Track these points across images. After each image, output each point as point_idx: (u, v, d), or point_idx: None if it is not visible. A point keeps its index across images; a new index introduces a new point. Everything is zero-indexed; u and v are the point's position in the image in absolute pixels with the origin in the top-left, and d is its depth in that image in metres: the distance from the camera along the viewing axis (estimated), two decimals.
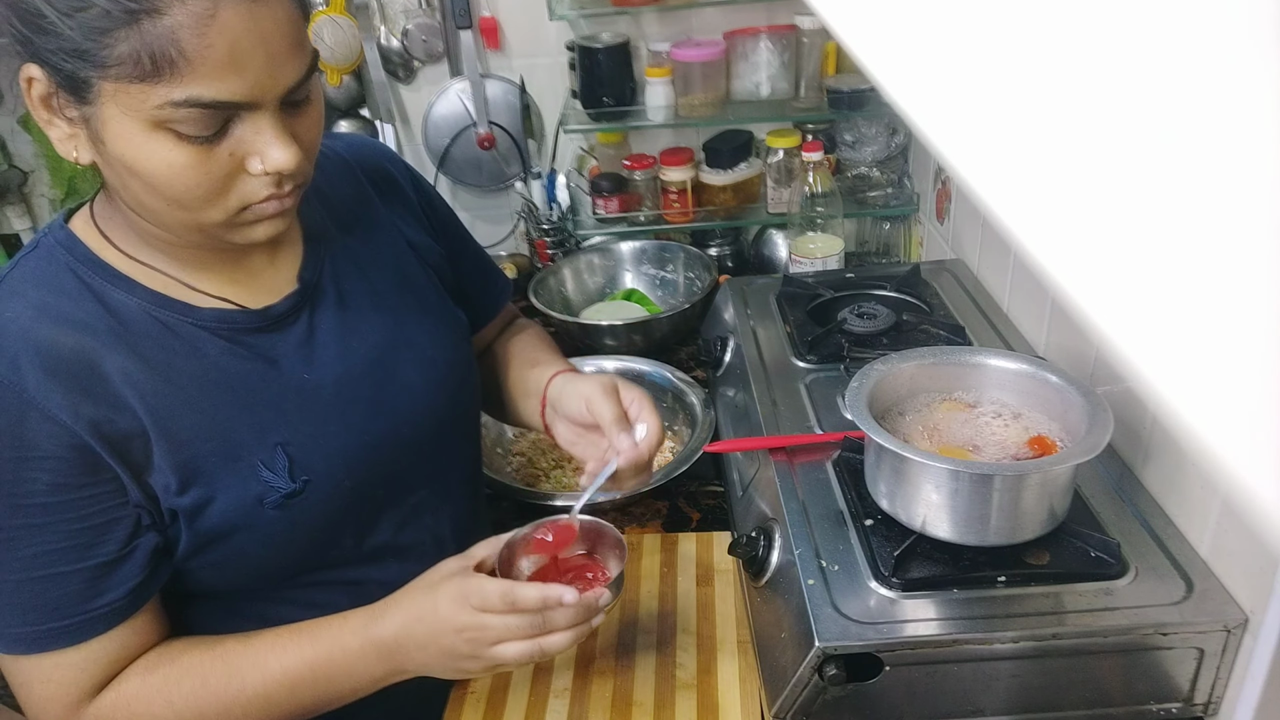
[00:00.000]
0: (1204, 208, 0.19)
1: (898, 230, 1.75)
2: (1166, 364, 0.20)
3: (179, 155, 0.69)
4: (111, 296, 0.78)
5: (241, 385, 0.81)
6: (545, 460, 1.34)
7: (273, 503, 0.81)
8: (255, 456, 0.80)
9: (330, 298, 0.88)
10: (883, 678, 0.80)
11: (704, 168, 1.76)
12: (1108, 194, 0.22)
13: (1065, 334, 1.09)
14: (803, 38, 1.68)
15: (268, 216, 0.76)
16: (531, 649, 0.78)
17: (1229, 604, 0.79)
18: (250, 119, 0.71)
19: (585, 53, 1.70)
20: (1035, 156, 0.26)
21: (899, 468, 0.85)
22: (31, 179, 1.89)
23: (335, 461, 0.84)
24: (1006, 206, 0.27)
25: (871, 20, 0.42)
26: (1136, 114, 0.21)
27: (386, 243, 0.95)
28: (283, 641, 0.82)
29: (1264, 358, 0.17)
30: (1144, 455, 0.94)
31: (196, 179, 0.71)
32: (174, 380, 0.78)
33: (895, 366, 0.93)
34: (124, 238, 0.80)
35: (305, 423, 0.83)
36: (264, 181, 0.74)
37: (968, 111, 0.30)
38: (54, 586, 0.75)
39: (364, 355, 0.88)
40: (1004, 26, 0.28)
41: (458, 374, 0.98)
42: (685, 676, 0.95)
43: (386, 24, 1.79)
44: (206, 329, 0.81)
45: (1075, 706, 0.83)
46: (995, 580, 0.83)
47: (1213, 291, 0.19)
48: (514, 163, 1.88)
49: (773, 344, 1.25)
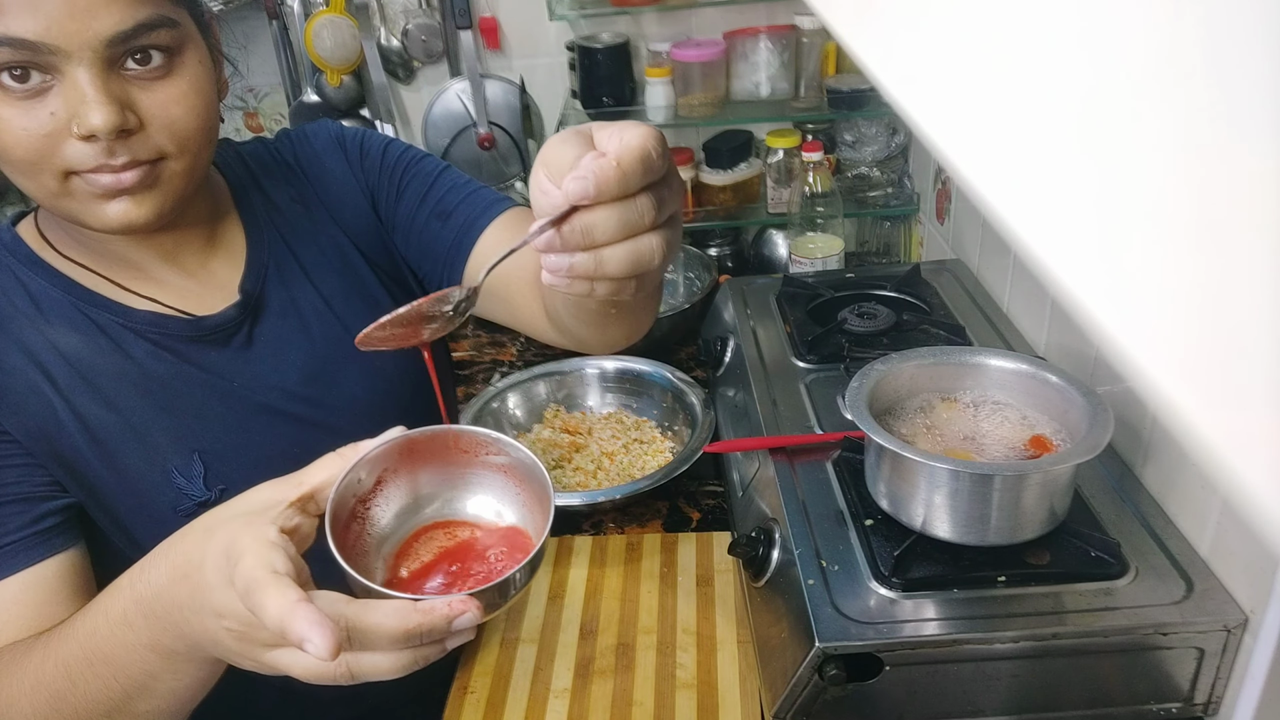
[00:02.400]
0: (1203, 206, 0.19)
1: (898, 230, 1.75)
2: (1167, 364, 0.20)
3: (3, 110, 0.68)
4: (46, 296, 0.79)
5: (163, 389, 0.80)
6: (545, 460, 1.34)
7: (185, 510, 0.79)
8: (170, 462, 0.79)
9: (273, 308, 0.86)
10: (883, 678, 0.80)
11: (704, 168, 1.76)
12: (1107, 194, 0.22)
13: (1065, 334, 1.09)
14: (803, 38, 1.68)
15: (109, 195, 0.72)
16: (327, 669, 0.54)
17: (1229, 604, 0.79)
18: (70, 75, 0.68)
19: (585, 53, 1.70)
20: (1036, 156, 0.26)
21: (899, 468, 0.85)
22: None
23: (256, 472, 0.69)
24: (1007, 206, 0.27)
25: (871, 20, 0.42)
26: (1136, 114, 0.21)
27: (334, 248, 0.92)
28: (72, 620, 0.67)
29: (1264, 357, 0.17)
30: (1144, 455, 0.94)
31: (15, 136, 0.68)
32: (93, 379, 0.78)
33: (895, 366, 0.93)
34: (61, 239, 0.81)
35: (225, 432, 0.82)
36: (91, 150, 0.70)
37: (967, 111, 0.30)
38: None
39: (302, 367, 0.86)
40: (1004, 26, 0.28)
41: (412, 382, 0.93)
42: (685, 676, 0.95)
43: (386, 24, 1.79)
44: (135, 330, 0.80)
45: (1075, 706, 0.83)
46: (995, 580, 0.83)
47: (1213, 291, 0.19)
48: (514, 163, 1.88)
49: (773, 344, 1.25)
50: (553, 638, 1.01)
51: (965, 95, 0.30)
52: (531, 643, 1.01)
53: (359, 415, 0.88)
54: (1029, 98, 0.26)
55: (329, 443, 0.68)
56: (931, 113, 0.33)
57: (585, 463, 1.30)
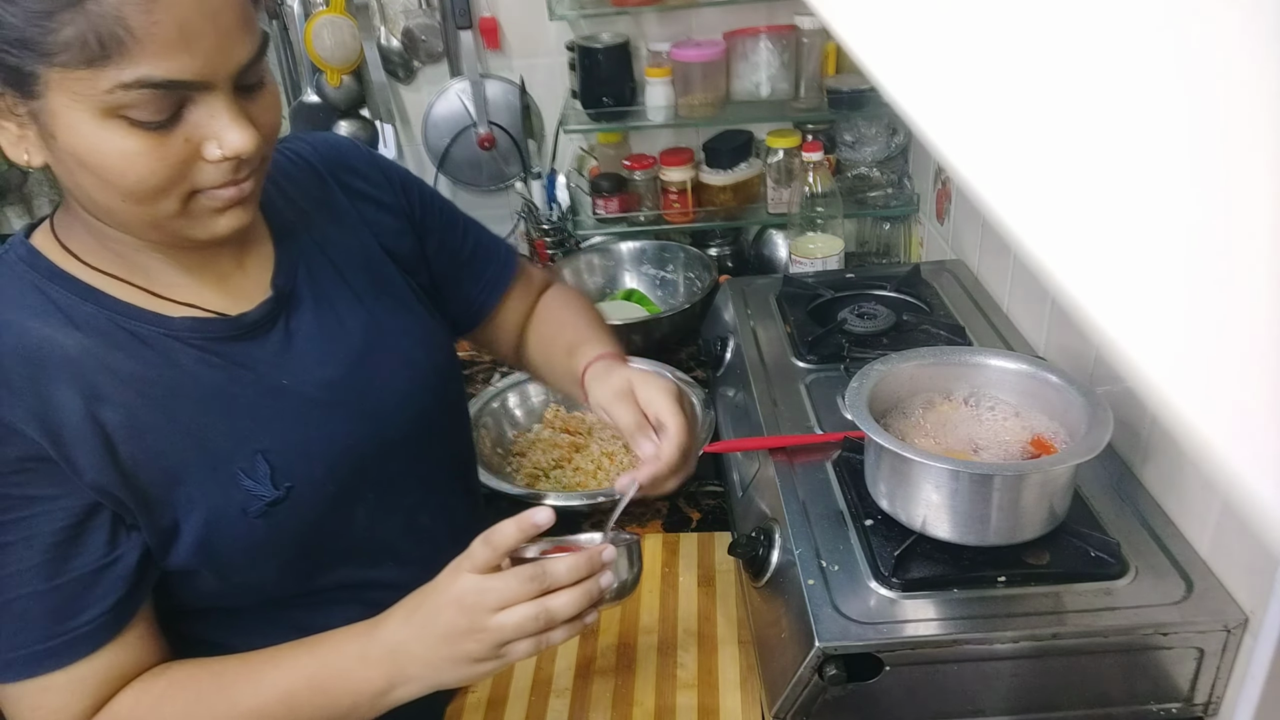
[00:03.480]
0: (1203, 208, 0.19)
1: (898, 230, 1.75)
2: (1166, 364, 0.20)
3: (132, 143, 0.67)
4: (79, 311, 0.76)
5: (218, 394, 0.80)
6: (545, 460, 1.34)
7: (256, 511, 0.79)
8: (235, 465, 0.79)
9: (307, 302, 0.87)
10: (883, 678, 0.80)
11: (704, 168, 1.76)
12: (1107, 194, 0.22)
13: (1065, 334, 1.09)
14: (803, 38, 1.68)
15: (227, 206, 0.74)
16: (536, 611, 0.72)
17: (1229, 604, 0.79)
18: (204, 102, 0.69)
19: (585, 53, 1.70)
20: (1035, 156, 0.26)
21: (899, 468, 0.85)
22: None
23: (317, 466, 0.83)
24: (1006, 206, 0.27)
25: (871, 20, 0.42)
26: (1136, 114, 0.21)
27: (358, 243, 0.93)
28: (281, 655, 0.79)
29: (1263, 358, 0.17)
30: (1144, 455, 0.94)
31: (151, 167, 0.68)
32: (147, 393, 0.76)
33: (895, 366, 0.93)
34: (86, 249, 0.78)
35: (285, 429, 0.82)
36: (221, 168, 0.71)
37: (967, 111, 0.30)
38: (34, 606, 0.73)
39: (344, 359, 0.87)
40: (1004, 27, 0.28)
41: (442, 374, 0.96)
42: (685, 676, 0.95)
43: (386, 24, 1.79)
44: (179, 339, 0.79)
45: (1075, 706, 0.83)
46: (995, 580, 0.83)
47: (1212, 291, 0.19)
48: (514, 163, 1.88)
49: (773, 344, 1.25)
50: None
51: (965, 96, 0.30)
52: None
53: (401, 404, 0.90)
54: (1028, 98, 0.26)
55: (378, 433, 0.87)
56: (931, 113, 0.33)
57: (585, 463, 1.30)
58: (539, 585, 0.72)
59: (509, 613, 0.72)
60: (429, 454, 0.94)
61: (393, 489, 0.90)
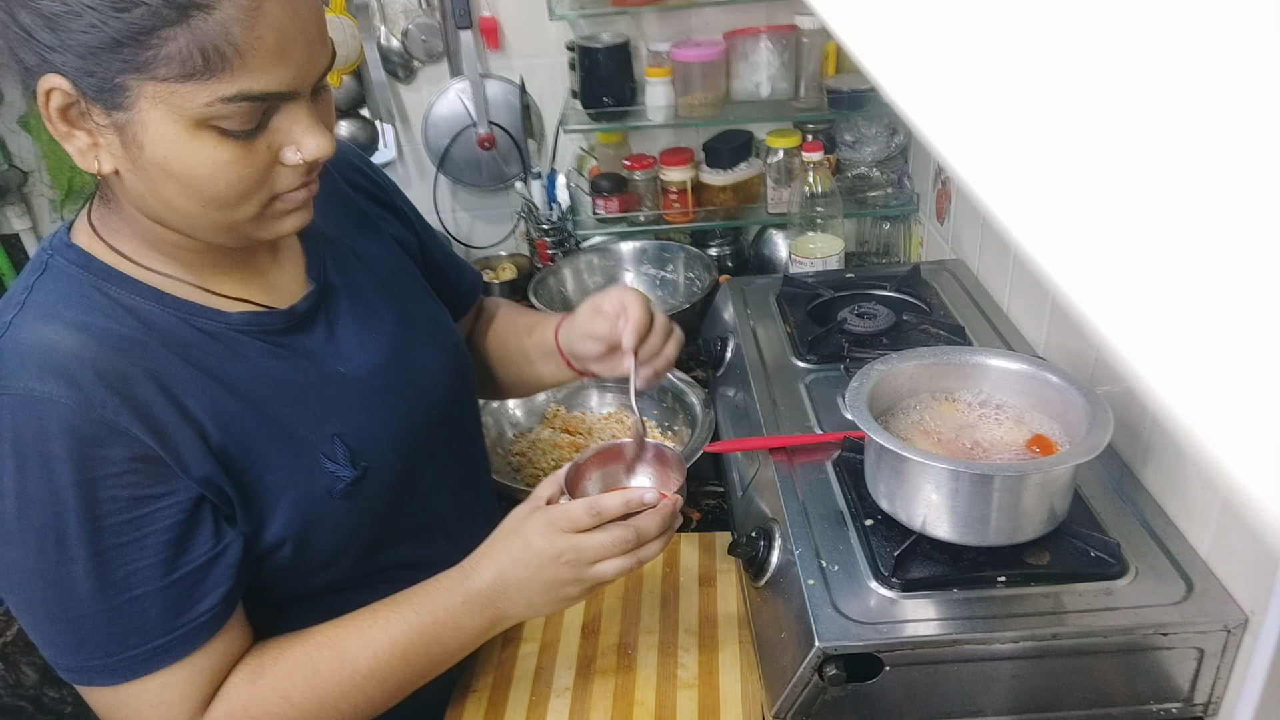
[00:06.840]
0: (1202, 208, 0.19)
1: (898, 230, 1.75)
2: (1166, 364, 0.20)
3: (222, 153, 0.69)
4: (144, 310, 0.77)
5: (289, 383, 0.82)
6: (545, 460, 1.34)
7: (340, 492, 0.82)
8: (317, 449, 0.82)
9: (341, 292, 0.90)
10: (883, 678, 0.80)
11: (704, 168, 1.76)
12: (1107, 194, 0.22)
13: (1065, 334, 1.09)
14: (803, 38, 1.68)
15: (297, 207, 0.77)
16: (630, 562, 0.81)
17: (1229, 604, 0.79)
18: (287, 109, 0.71)
19: (585, 53, 1.70)
20: (1034, 157, 0.26)
21: (899, 468, 0.85)
22: (31, 179, 1.89)
23: (386, 446, 0.87)
24: (1006, 206, 0.27)
25: (871, 20, 0.42)
26: (1136, 114, 0.21)
27: (374, 235, 0.97)
28: (383, 615, 0.84)
29: (1263, 358, 0.17)
30: (1144, 455, 0.94)
31: (239, 174, 0.70)
32: (227, 384, 0.78)
33: (895, 366, 0.93)
34: (132, 247, 0.78)
35: (353, 412, 0.85)
36: (296, 171, 0.74)
37: (967, 111, 0.30)
38: (151, 604, 0.74)
39: (384, 344, 0.90)
40: (1003, 27, 0.28)
41: (463, 354, 1.02)
42: (686, 676, 0.95)
43: (386, 24, 1.79)
44: (241, 332, 0.81)
45: (1075, 706, 0.83)
46: (995, 580, 0.83)
47: (1212, 292, 0.19)
48: (514, 163, 1.88)
49: (773, 344, 1.25)
50: (554, 637, 1.01)
51: (964, 96, 0.30)
52: (533, 642, 1.01)
53: (437, 385, 0.94)
54: (1027, 98, 0.26)
55: (425, 412, 0.92)
56: (931, 113, 0.33)
57: None
58: (634, 540, 0.81)
59: (605, 564, 0.81)
60: (463, 432, 1.00)
61: (442, 466, 0.95)
